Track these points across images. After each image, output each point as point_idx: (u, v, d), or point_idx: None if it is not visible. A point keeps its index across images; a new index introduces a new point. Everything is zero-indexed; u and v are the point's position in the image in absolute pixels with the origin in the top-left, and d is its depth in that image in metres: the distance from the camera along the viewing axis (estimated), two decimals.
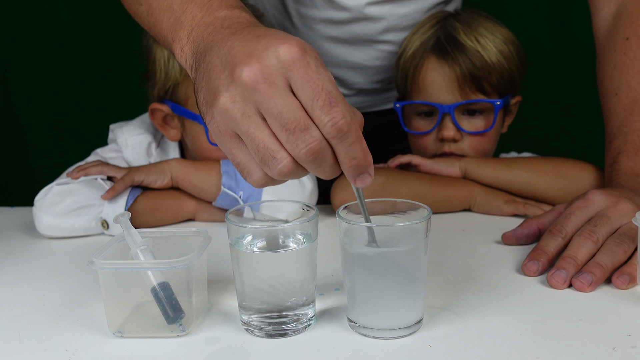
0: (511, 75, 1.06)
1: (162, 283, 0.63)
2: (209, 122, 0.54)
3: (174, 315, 0.63)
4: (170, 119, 1.03)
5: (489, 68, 1.03)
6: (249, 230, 0.64)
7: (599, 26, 1.00)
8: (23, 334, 0.65)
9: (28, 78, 1.89)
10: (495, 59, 1.04)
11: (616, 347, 0.59)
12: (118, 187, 0.92)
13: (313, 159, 0.51)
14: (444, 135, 1.04)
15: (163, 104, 1.01)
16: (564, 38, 1.77)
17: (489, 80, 1.04)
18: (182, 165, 0.96)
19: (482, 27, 1.06)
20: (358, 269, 0.61)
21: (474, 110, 1.05)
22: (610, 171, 0.88)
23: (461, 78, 1.03)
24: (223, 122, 0.53)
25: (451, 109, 1.03)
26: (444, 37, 1.06)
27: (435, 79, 1.05)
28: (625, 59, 0.93)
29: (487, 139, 1.07)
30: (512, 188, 0.99)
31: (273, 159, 0.51)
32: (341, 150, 0.52)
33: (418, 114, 1.09)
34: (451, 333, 0.62)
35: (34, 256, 0.87)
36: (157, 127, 1.04)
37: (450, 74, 1.04)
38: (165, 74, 0.99)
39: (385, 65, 1.18)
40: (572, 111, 1.82)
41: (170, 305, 0.63)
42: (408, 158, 1.01)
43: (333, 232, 0.66)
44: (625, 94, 0.91)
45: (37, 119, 1.93)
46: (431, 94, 1.05)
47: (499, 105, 1.04)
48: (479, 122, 1.06)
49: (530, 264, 0.75)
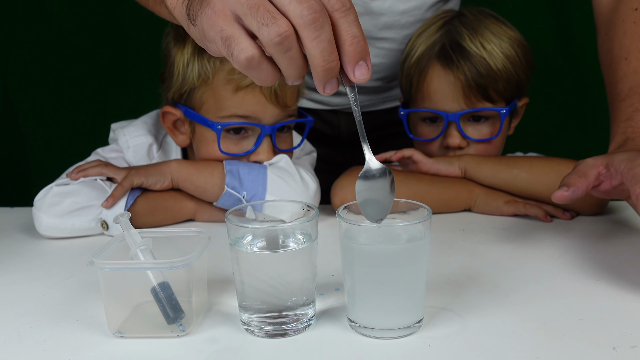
0: (518, 81, 1.05)
1: (162, 283, 0.63)
2: (203, 10, 0.54)
3: (174, 316, 0.63)
4: (180, 124, 1.02)
5: (495, 75, 1.02)
6: (249, 230, 0.63)
7: (602, 2, 0.98)
8: (23, 334, 0.65)
9: (28, 78, 1.89)
10: (501, 65, 1.02)
11: (616, 346, 0.59)
12: (117, 193, 0.92)
13: (312, 22, 0.51)
14: (449, 143, 1.04)
15: (176, 108, 1.01)
16: (564, 38, 1.77)
17: (494, 88, 1.02)
18: (183, 167, 0.96)
19: (488, 31, 1.04)
20: (358, 268, 0.61)
21: (479, 116, 1.05)
22: (625, 127, 0.85)
23: (466, 86, 1.02)
24: (220, 3, 0.53)
25: (456, 117, 1.02)
26: (449, 44, 1.04)
27: (440, 87, 1.04)
28: (635, 27, 0.91)
29: (493, 146, 1.06)
30: (511, 188, 0.99)
31: (273, 19, 0.51)
32: (343, 25, 0.51)
33: (423, 120, 1.08)
34: (451, 333, 0.62)
35: (33, 256, 0.87)
36: (167, 130, 1.03)
37: (455, 83, 1.02)
38: (182, 77, 0.98)
39: (385, 63, 1.17)
40: (573, 112, 1.82)
41: (170, 305, 0.63)
42: (410, 152, 1.01)
43: (333, 232, 0.66)
44: (636, 58, 0.90)
45: (37, 118, 1.93)
46: (436, 102, 1.04)
47: (504, 113, 1.03)
48: (485, 128, 1.05)
49: None
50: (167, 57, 1.01)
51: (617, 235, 0.89)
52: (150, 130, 1.06)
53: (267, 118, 0.97)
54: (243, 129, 0.98)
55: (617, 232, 0.90)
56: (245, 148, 0.99)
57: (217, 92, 0.96)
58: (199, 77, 0.97)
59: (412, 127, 1.10)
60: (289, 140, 1.04)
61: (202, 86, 0.97)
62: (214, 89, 0.97)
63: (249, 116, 0.97)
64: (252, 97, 0.96)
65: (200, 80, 0.97)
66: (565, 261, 0.80)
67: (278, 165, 0.98)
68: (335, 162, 1.25)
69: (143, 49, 1.66)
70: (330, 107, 1.25)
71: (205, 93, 0.98)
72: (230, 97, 0.96)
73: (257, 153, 0.98)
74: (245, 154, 0.98)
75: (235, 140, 0.98)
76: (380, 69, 1.18)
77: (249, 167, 0.95)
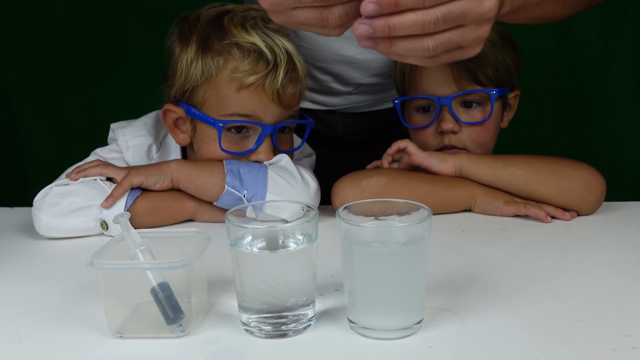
0: (506, 67, 1.06)
1: (161, 283, 0.63)
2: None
3: (174, 316, 0.62)
4: (181, 122, 1.02)
5: (483, 59, 1.04)
6: (249, 230, 0.63)
7: None
8: (22, 334, 0.64)
9: (27, 78, 1.89)
10: (488, 50, 1.04)
11: (617, 347, 0.59)
12: (117, 193, 0.92)
13: None
14: (443, 128, 1.05)
15: (177, 107, 1.01)
16: (564, 38, 1.77)
17: (483, 72, 1.04)
18: (183, 167, 0.96)
19: None
20: (358, 269, 0.61)
21: (471, 102, 1.06)
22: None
23: (456, 71, 1.04)
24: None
25: (448, 100, 1.04)
26: None
27: (431, 73, 1.06)
28: None
29: (486, 130, 1.07)
30: (508, 186, 0.99)
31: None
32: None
33: (417, 110, 1.09)
34: (451, 334, 0.62)
35: (33, 256, 0.87)
36: (167, 128, 1.03)
37: (445, 68, 1.04)
38: (185, 75, 0.98)
39: (380, 59, 1.18)
40: (572, 112, 1.82)
41: (169, 305, 0.63)
42: (405, 144, 1.01)
43: (333, 232, 0.66)
44: None
45: (37, 119, 1.93)
46: (428, 88, 1.06)
47: (495, 94, 1.04)
48: (477, 113, 1.06)
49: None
50: (171, 56, 1.01)
51: (617, 235, 0.89)
52: (150, 131, 1.06)
53: (269, 118, 0.98)
54: (244, 128, 0.98)
55: (617, 233, 0.90)
56: (245, 147, 0.99)
57: (220, 90, 0.97)
58: (202, 75, 0.97)
59: (407, 118, 1.12)
60: (290, 142, 1.04)
61: (205, 84, 0.97)
62: (217, 87, 0.97)
63: (251, 115, 0.97)
64: (254, 96, 0.96)
65: (203, 78, 0.97)
66: (565, 262, 0.80)
67: (278, 165, 0.98)
68: (332, 162, 1.25)
69: (143, 49, 1.66)
70: (328, 108, 1.25)
71: (207, 91, 0.98)
72: (233, 95, 0.96)
73: (258, 152, 0.98)
74: (246, 153, 0.98)
75: (236, 139, 0.98)
76: (376, 64, 1.19)
77: (249, 167, 0.95)
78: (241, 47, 0.96)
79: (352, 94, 1.24)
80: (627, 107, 1.76)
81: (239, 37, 0.96)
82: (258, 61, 0.96)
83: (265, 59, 0.96)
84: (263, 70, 0.96)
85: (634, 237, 0.89)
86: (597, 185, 0.96)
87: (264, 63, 0.96)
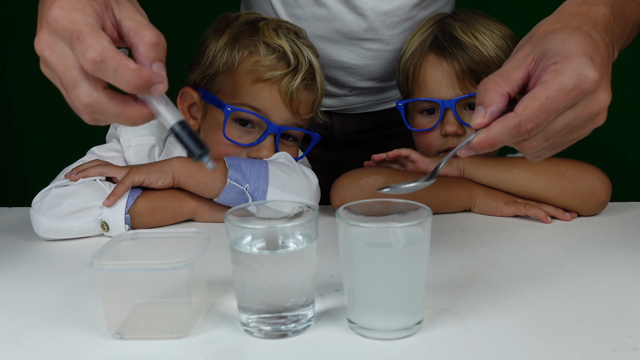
0: None
1: (180, 121, 0.61)
2: None
3: (202, 151, 0.61)
4: (196, 109, 1.07)
5: (488, 62, 1.04)
6: (249, 230, 0.63)
7: None
8: (21, 335, 0.64)
9: (26, 78, 1.89)
10: (493, 53, 1.04)
11: (617, 348, 0.59)
12: (118, 192, 0.92)
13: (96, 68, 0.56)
14: (447, 131, 1.04)
15: (194, 91, 1.06)
16: None
17: (487, 75, 1.03)
18: (185, 163, 0.96)
19: (479, 24, 1.07)
20: (358, 269, 0.61)
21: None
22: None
23: (460, 73, 1.04)
24: None
25: (452, 103, 1.03)
26: (442, 35, 1.07)
27: (435, 76, 1.06)
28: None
29: None
30: (510, 187, 0.99)
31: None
32: (112, 81, 0.54)
33: (421, 112, 1.09)
34: (451, 334, 0.62)
35: (32, 257, 0.87)
36: (180, 111, 1.04)
37: (449, 70, 1.04)
38: (210, 62, 1.03)
39: (374, 64, 1.18)
40: None
41: (193, 141, 0.61)
42: (407, 152, 1.01)
43: (333, 232, 0.66)
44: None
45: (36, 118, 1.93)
46: (432, 91, 1.06)
47: None
48: None
49: None
50: (202, 45, 1.07)
51: (617, 236, 0.89)
52: (153, 131, 1.06)
53: (276, 117, 1.00)
54: (250, 123, 1.01)
55: (618, 233, 0.90)
56: (248, 141, 1.01)
57: (237, 80, 1.01)
58: (225, 64, 1.02)
59: (411, 120, 1.12)
60: (294, 151, 1.06)
61: (225, 72, 1.02)
62: (235, 77, 1.01)
63: (260, 110, 1.00)
64: (268, 92, 1.00)
65: (225, 67, 1.02)
66: (565, 262, 0.80)
67: (278, 161, 0.98)
68: (329, 162, 1.26)
69: (199, 43, 1.66)
70: (324, 108, 1.26)
71: (225, 79, 1.02)
72: (248, 86, 1.00)
73: (259, 148, 1.01)
74: (247, 146, 1.01)
75: (241, 132, 1.02)
76: (371, 69, 1.19)
77: (250, 162, 0.96)
78: (268, 45, 1.01)
79: (348, 96, 1.24)
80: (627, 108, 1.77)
81: (268, 38, 1.01)
82: (280, 61, 1.00)
83: (288, 60, 1.00)
84: (283, 69, 0.99)
85: (635, 237, 0.89)
86: (602, 188, 0.95)
87: (285, 64, 1.00)
